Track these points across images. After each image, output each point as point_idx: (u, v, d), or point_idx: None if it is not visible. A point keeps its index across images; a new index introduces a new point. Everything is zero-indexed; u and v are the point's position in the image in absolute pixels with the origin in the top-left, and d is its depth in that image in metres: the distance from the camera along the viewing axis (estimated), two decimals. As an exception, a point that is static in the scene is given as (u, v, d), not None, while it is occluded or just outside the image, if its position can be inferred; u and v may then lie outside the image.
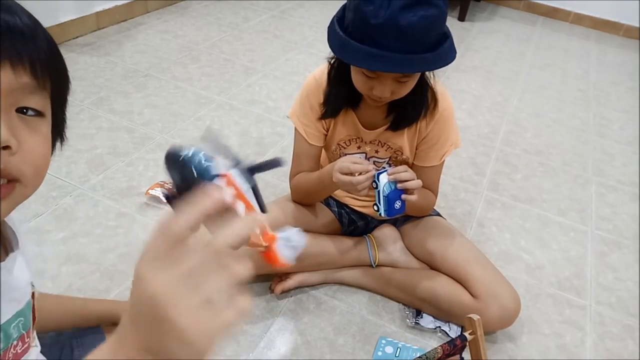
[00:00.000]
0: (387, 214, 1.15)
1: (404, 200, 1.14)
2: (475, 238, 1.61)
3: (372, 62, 0.97)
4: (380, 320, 1.30)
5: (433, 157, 1.25)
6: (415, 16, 0.93)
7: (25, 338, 0.61)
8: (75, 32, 2.42)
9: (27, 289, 0.61)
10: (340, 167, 1.11)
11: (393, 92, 1.06)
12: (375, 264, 1.34)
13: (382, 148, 1.25)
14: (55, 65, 0.49)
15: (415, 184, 1.12)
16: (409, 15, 0.93)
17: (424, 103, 1.16)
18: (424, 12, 0.93)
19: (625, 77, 3.05)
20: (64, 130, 0.56)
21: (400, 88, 1.06)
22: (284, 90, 2.29)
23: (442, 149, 1.23)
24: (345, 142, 1.26)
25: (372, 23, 0.94)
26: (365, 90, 1.09)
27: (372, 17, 0.94)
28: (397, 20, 0.93)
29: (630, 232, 1.76)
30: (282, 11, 3.15)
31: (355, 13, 0.98)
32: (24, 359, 0.61)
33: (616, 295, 1.50)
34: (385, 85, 1.04)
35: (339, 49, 1.03)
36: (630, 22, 3.68)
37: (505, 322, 1.23)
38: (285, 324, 1.26)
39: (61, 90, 0.51)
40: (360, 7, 0.95)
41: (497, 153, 2.09)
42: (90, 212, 1.49)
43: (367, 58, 0.97)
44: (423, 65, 1.01)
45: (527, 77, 2.83)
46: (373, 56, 0.96)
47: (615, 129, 2.44)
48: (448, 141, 1.23)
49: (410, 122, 1.19)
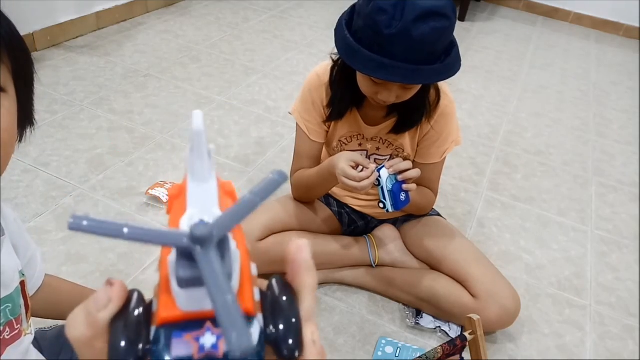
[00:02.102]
0: (394, 208, 1.15)
1: (406, 190, 1.14)
2: (475, 238, 1.61)
3: (383, 72, 0.98)
4: (380, 320, 1.30)
5: (434, 154, 1.25)
6: (427, 28, 0.94)
7: (15, 325, 0.61)
8: (75, 32, 2.42)
9: (14, 275, 0.61)
10: (344, 173, 1.10)
11: (398, 96, 1.07)
12: (376, 263, 1.34)
13: (384, 145, 1.26)
14: (13, 41, 0.49)
15: (414, 172, 1.13)
16: (422, 26, 0.93)
17: (425, 106, 1.16)
18: (436, 23, 0.94)
19: (625, 77, 3.05)
20: (32, 115, 0.56)
21: (405, 93, 1.07)
22: (284, 90, 2.29)
23: (443, 146, 1.24)
24: (346, 139, 1.26)
25: (385, 33, 0.94)
26: (371, 94, 1.09)
27: (385, 27, 0.94)
28: (410, 32, 0.93)
29: (630, 232, 1.76)
30: (282, 11, 3.15)
31: (366, 21, 0.97)
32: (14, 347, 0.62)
33: (616, 295, 1.50)
34: (391, 90, 1.05)
35: (349, 55, 1.02)
36: (630, 22, 3.68)
37: (505, 322, 1.23)
38: (285, 324, 1.26)
39: (23, 69, 0.51)
40: (373, 16, 0.95)
41: (497, 153, 2.09)
42: (90, 212, 1.48)
43: (377, 68, 0.97)
44: (432, 76, 1.02)
45: (527, 77, 2.83)
46: (383, 66, 0.97)
47: (615, 129, 2.44)
48: (449, 138, 1.23)
49: (413, 125, 1.20)
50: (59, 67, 2.17)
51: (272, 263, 1.27)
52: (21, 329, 0.62)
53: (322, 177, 1.22)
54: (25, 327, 0.64)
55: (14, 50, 0.49)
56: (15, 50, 0.49)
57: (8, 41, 0.48)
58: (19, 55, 0.50)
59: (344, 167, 1.11)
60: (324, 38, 2.86)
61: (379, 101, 1.09)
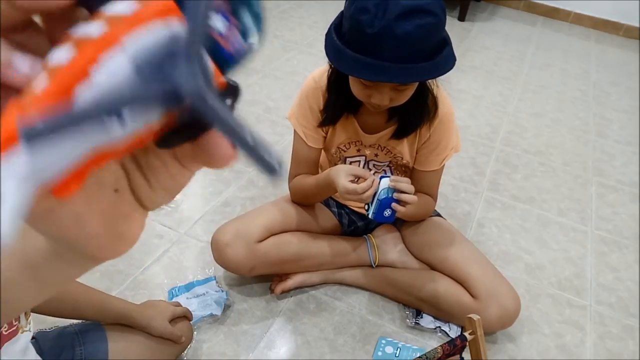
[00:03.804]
0: (374, 217, 1.15)
1: (394, 209, 1.14)
2: (475, 238, 1.61)
3: (369, 72, 0.96)
4: (380, 320, 1.30)
5: (433, 162, 1.24)
6: (411, 25, 0.92)
7: (13, 322, 0.61)
8: (75, 32, 2.42)
9: None
10: (346, 190, 1.10)
11: (392, 99, 1.05)
12: (376, 264, 1.34)
13: (382, 152, 1.25)
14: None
15: (410, 198, 1.11)
16: (405, 24, 0.92)
17: (425, 109, 1.15)
18: (420, 20, 0.92)
19: (625, 77, 3.05)
20: None
21: (399, 95, 1.05)
22: (283, 90, 2.29)
23: (442, 154, 1.23)
24: (345, 146, 1.26)
25: (368, 32, 0.93)
26: (364, 97, 1.07)
27: (367, 26, 0.93)
28: (393, 30, 0.92)
29: (630, 232, 1.76)
30: (282, 11, 3.15)
31: (351, 22, 0.97)
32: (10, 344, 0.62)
33: (616, 295, 1.50)
34: (383, 93, 1.03)
35: (335, 58, 1.02)
36: (630, 22, 3.68)
37: (505, 323, 1.23)
38: (285, 324, 1.26)
39: None
40: (356, 16, 0.94)
41: (497, 153, 2.09)
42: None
43: (363, 68, 0.96)
44: (420, 74, 1.00)
45: (527, 77, 2.83)
46: (369, 66, 0.95)
47: (615, 129, 2.44)
48: (448, 146, 1.23)
49: (413, 130, 1.19)
50: (59, 67, 2.17)
51: (272, 264, 1.28)
52: (18, 326, 0.63)
53: (320, 188, 1.22)
54: (23, 323, 0.64)
55: None
56: None
57: None
58: None
59: (344, 184, 1.10)
60: (323, 38, 2.86)
61: (374, 105, 1.07)
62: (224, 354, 1.17)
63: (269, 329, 1.24)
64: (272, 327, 1.25)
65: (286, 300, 1.32)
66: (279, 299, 1.31)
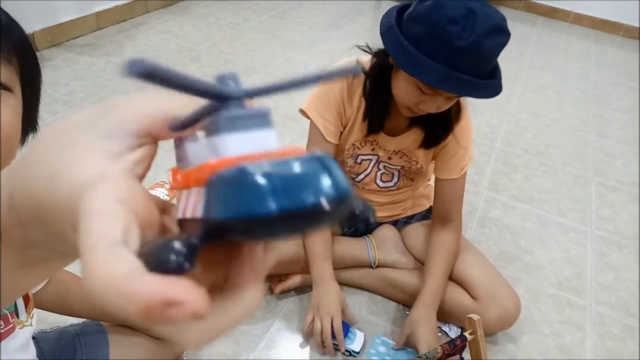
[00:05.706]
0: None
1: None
2: (475, 238, 1.61)
3: (448, 84, 0.95)
4: (380, 320, 1.30)
5: (452, 170, 1.23)
6: (494, 43, 0.94)
7: (10, 319, 0.61)
8: (75, 32, 2.42)
9: None
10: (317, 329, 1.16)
11: (438, 107, 1.04)
12: (376, 264, 1.34)
13: (396, 155, 1.24)
14: (23, 47, 0.50)
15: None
16: (490, 41, 0.93)
17: (451, 118, 1.15)
18: (501, 39, 0.95)
19: (625, 77, 3.05)
20: (36, 120, 0.57)
21: (446, 104, 1.04)
22: (284, 90, 2.29)
23: (462, 161, 1.22)
24: (360, 143, 1.24)
25: (456, 44, 0.92)
26: (412, 102, 1.04)
27: (456, 38, 0.91)
28: (481, 45, 0.92)
29: (630, 232, 1.76)
30: (282, 11, 3.15)
31: (432, 29, 0.94)
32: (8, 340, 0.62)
33: (616, 295, 1.50)
34: (435, 101, 1.02)
35: (410, 64, 0.97)
36: (630, 22, 3.68)
37: (505, 324, 1.23)
38: (285, 324, 1.26)
39: (31, 75, 0.53)
40: (443, 26, 0.92)
41: (497, 153, 2.09)
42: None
43: (443, 79, 0.94)
44: (491, 90, 1.01)
45: (527, 77, 2.83)
46: (450, 77, 0.94)
47: (615, 129, 2.44)
48: (467, 154, 1.22)
49: (441, 139, 1.18)
50: (59, 67, 2.17)
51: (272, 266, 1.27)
52: (16, 322, 0.63)
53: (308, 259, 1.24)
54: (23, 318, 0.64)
55: (24, 56, 0.50)
56: (25, 56, 0.51)
57: (19, 46, 0.49)
58: (28, 61, 0.52)
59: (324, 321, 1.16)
60: (324, 38, 2.86)
61: (417, 110, 1.05)
62: (224, 354, 1.17)
63: (269, 329, 1.24)
64: (272, 327, 1.25)
65: (286, 301, 1.32)
66: (279, 299, 1.31)
